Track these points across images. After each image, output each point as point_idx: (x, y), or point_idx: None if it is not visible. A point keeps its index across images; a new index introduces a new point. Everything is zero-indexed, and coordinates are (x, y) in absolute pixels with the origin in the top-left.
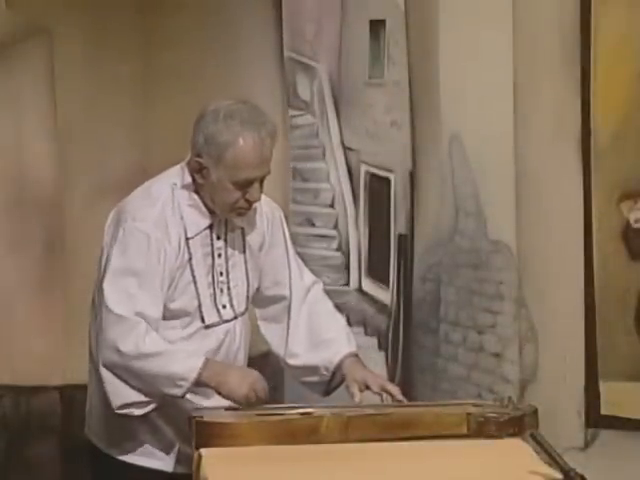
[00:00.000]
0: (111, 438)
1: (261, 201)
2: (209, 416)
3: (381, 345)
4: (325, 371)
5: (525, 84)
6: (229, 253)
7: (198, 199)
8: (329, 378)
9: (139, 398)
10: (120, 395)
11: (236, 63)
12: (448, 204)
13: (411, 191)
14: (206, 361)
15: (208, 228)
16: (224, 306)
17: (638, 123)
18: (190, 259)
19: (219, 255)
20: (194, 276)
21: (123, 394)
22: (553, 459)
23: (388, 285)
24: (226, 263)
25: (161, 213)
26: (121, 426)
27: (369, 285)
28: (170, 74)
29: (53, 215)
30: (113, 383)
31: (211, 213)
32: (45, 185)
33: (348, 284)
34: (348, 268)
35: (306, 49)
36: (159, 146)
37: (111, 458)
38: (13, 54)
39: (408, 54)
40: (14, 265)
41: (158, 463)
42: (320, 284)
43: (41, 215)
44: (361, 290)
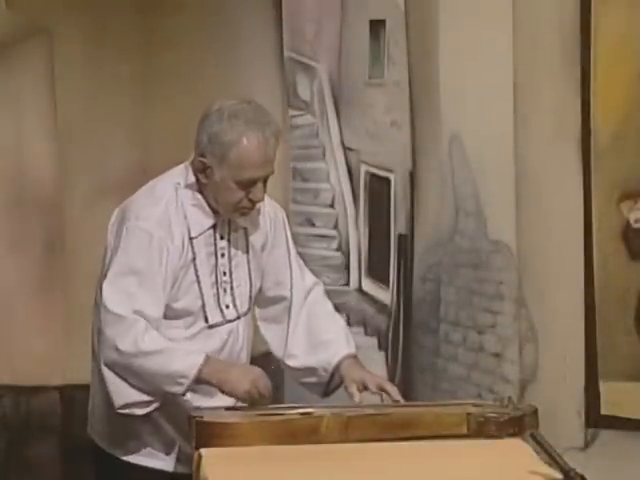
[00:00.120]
0: (114, 438)
1: (264, 201)
2: (209, 416)
3: (381, 345)
4: (324, 372)
5: (525, 84)
6: (232, 253)
7: (202, 199)
8: (328, 379)
9: (141, 398)
10: (122, 395)
11: (236, 63)
12: (448, 204)
13: (411, 191)
14: (207, 358)
15: (211, 228)
16: (227, 306)
17: (638, 123)
18: (194, 259)
19: (222, 255)
20: (198, 276)
21: (125, 394)
22: (553, 459)
23: (388, 285)
24: (229, 263)
25: (164, 212)
26: (124, 426)
27: (369, 285)
28: (170, 74)
29: (53, 215)
30: (115, 383)
31: (215, 213)
32: (45, 185)
33: (348, 284)
34: (348, 268)
35: (306, 49)
36: (159, 146)
37: (113, 458)
38: (13, 54)
39: (408, 54)
40: (14, 265)
41: (160, 463)
42: (321, 285)
43: (41, 215)
44: (361, 290)
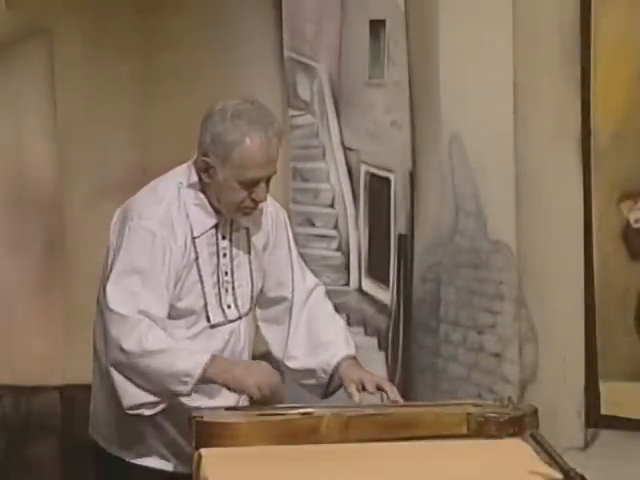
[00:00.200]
0: (115, 438)
1: (266, 201)
2: (209, 416)
3: (381, 345)
4: (323, 374)
5: (525, 84)
6: (234, 253)
7: (204, 198)
8: (327, 381)
9: (149, 398)
10: (131, 395)
11: (236, 63)
12: (448, 204)
13: (411, 191)
14: (212, 357)
15: (214, 227)
16: (229, 306)
17: (638, 123)
18: (196, 258)
19: (224, 255)
20: (200, 275)
21: (133, 394)
22: (553, 459)
23: (388, 285)
24: (231, 263)
25: (167, 212)
26: (125, 426)
27: (369, 285)
28: (170, 74)
29: (53, 215)
30: (123, 384)
31: (217, 212)
32: (45, 185)
33: (348, 284)
34: (348, 268)
35: (306, 49)
36: (159, 146)
37: (114, 458)
38: (13, 54)
39: (408, 54)
40: (14, 265)
41: (162, 463)
42: (322, 287)
43: (41, 215)
44: (361, 290)
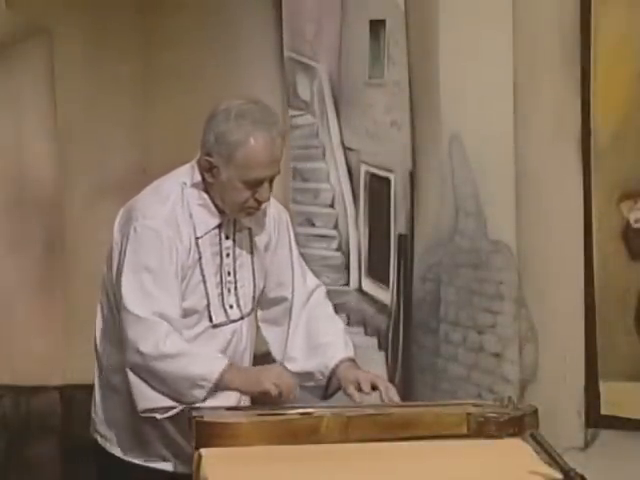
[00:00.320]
0: (116, 438)
1: (269, 202)
2: (209, 416)
3: (381, 345)
4: (321, 376)
5: (525, 84)
6: (237, 253)
7: (208, 198)
8: (325, 383)
9: (164, 403)
10: (146, 398)
11: (236, 63)
12: (448, 204)
13: (411, 191)
14: (229, 364)
15: (217, 228)
16: (231, 306)
17: (638, 123)
18: (200, 258)
19: (227, 255)
20: (204, 275)
21: (150, 398)
22: (553, 459)
23: (388, 285)
24: (234, 263)
25: (171, 212)
26: (127, 426)
27: (369, 285)
28: (170, 74)
29: (53, 215)
30: (140, 386)
31: (220, 212)
32: (45, 185)
33: (348, 284)
34: (348, 268)
35: (306, 49)
36: (159, 146)
37: (115, 458)
38: (13, 54)
39: (408, 54)
40: (14, 265)
41: (163, 463)
42: (322, 288)
43: (41, 215)
44: (361, 290)
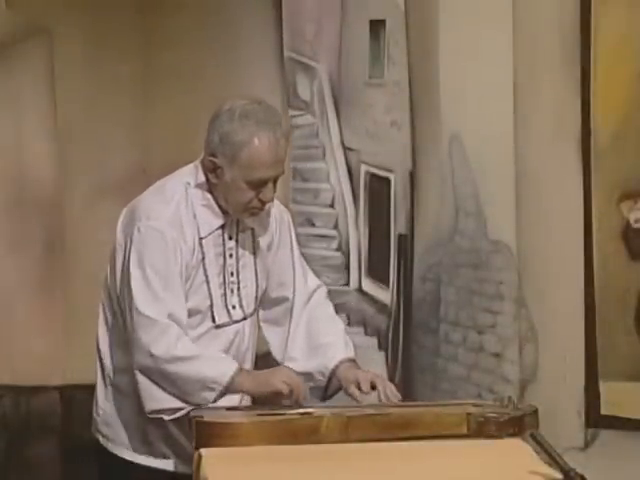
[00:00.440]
0: (118, 437)
1: (272, 202)
2: (209, 416)
3: (381, 345)
4: (321, 376)
5: (525, 84)
6: (240, 253)
7: (211, 198)
8: (325, 384)
9: (173, 404)
10: (155, 400)
11: (236, 63)
12: (448, 204)
13: (411, 191)
14: (239, 368)
15: (220, 228)
16: (234, 306)
17: (638, 123)
18: (203, 259)
19: (230, 255)
20: (207, 276)
21: (158, 399)
22: (553, 459)
23: (388, 285)
24: (237, 263)
25: (175, 213)
26: (129, 426)
27: (369, 285)
28: (170, 74)
29: (53, 215)
30: (149, 388)
31: (224, 213)
32: (45, 185)
33: (348, 284)
34: (348, 268)
35: (306, 49)
36: (159, 146)
37: (116, 457)
38: (13, 54)
39: (408, 54)
40: (14, 265)
41: (164, 463)
42: (324, 288)
43: (41, 215)
44: (361, 290)
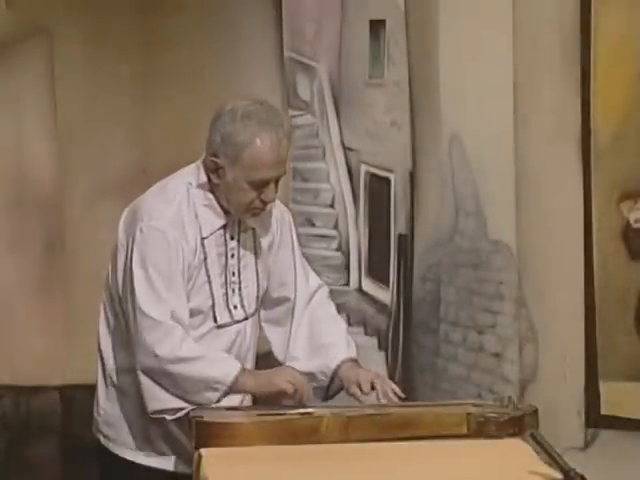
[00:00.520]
0: (119, 437)
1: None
2: (209, 416)
3: (381, 345)
4: (323, 376)
5: (525, 84)
6: (241, 254)
7: (213, 199)
8: (327, 384)
9: (175, 404)
10: (158, 400)
11: (236, 63)
12: (448, 204)
13: (411, 191)
14: (242, 368)
15: (222, 228)
16: (235, 307)
17: (638, 123)
18: (205, 259)
19: (232, 255)
20: (209, 276)
21: (161, 399)
22: (553, 459)
23: (388, 285)
24: (238, 263)
25: (177, 213)
26: (130, 425)
27: (369, 285)
28: (170, 74)
29: (53, 215)
30: (152, 388)
31: (226, 213)
32: (45, 185)
33: (348, 284)
34: (348, 268)
35: (306, 49)
36: (159, 146)
37: (117, 457)
38: (13, 54)
39: (408, 54)
40: (14, 265)
41: (164, 463)
42: (325, 288)
43: (41, 215)
44: (361, 290)
